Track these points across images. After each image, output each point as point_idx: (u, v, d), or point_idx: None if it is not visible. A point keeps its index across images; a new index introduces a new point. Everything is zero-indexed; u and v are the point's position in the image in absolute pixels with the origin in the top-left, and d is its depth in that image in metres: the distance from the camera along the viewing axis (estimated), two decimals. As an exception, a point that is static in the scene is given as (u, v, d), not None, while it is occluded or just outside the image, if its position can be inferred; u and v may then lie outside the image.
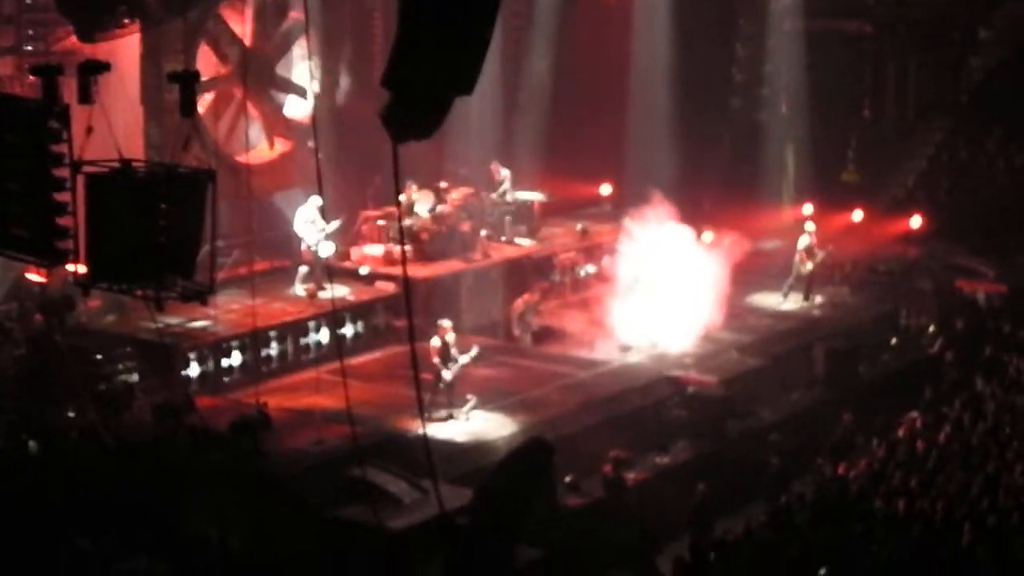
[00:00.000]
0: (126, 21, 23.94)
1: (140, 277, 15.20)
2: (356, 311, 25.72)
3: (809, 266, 29.36)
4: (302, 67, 28.67)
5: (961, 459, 20.10)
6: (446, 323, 22.60)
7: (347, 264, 27.07)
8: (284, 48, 28.71)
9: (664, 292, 26.27)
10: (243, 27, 27.55)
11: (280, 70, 28.85)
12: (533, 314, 27.08)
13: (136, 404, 20.97)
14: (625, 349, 25.90)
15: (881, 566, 17.05)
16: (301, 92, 28.58)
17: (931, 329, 28.60)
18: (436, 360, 22.03)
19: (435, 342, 22.20)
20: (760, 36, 37.16)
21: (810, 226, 29.74)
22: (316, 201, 25.08)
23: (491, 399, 23.00)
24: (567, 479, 20.74)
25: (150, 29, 24.75)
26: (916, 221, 32.32)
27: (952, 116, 36.56)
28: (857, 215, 32.45)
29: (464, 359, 22.31)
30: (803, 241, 29.42)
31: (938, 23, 36.23)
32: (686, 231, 26.83)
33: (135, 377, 22.54)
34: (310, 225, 25.53)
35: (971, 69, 37.21)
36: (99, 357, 22.45)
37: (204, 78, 24.23)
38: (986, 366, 24.94)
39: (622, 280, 26.84)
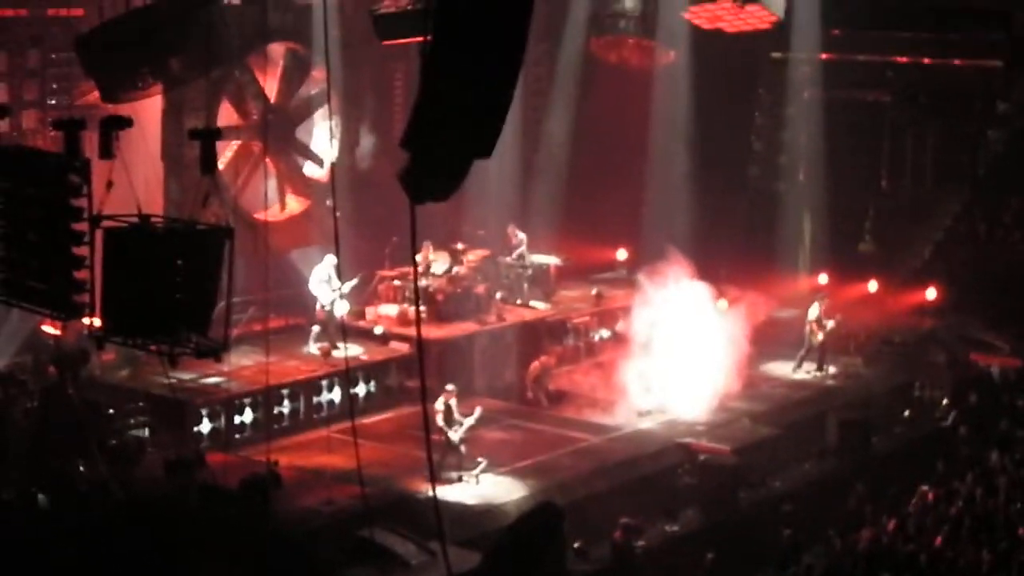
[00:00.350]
0: (150, 82, 24.16)
1: (155, 332, 15.23)
2: (369, 371, 25.72)
3: (820, 336, 29.33)
4: (323, 126, 28.85)
5: (972, 534, 19.98)
6: (451, 387, 22.60)
7: (362, 324, 27.09)
8: (306, 113, 28.88)
9: (679, 354, 26.23)
10: (265, 84, 27.74)
11: (301, 128, 29.03)
12: (548, 377, 27.07)
13: (147, 459, 20.98)
14: (642, 414, 25.85)
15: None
16: (319, 161, 28.74)
17: (945, 402, 28.50)
18: (441, 423, 22.01)
19: (439, 405, 22.17)
20: (779, 105, 37.32)
21: (821, 297, 29.78)
22: (331, 260, 25.16)
23: (502, 462, 22.97)
24: (576, 544, 20.64)
25: (173, 90, 24.95)
26: (932, 293, 32.29)
27: (970, 188, 36.60)
28: (872, 286, 32.45)
29: (468, 422, 22.28)
30: (813, 312, 29.43)
31: (957, 95, 36.31)
32: (702, 289, 26.80)
33: (147, 432, 22.58)
34: (325, 284, 25.60)
35: (989, 141, 37.29)
36: (111, 411, 22.47)
37: (225, 149, 24.46)
38: (1000, 441, 24.83)
39: (636, 339, 26.79)
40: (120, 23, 21.90)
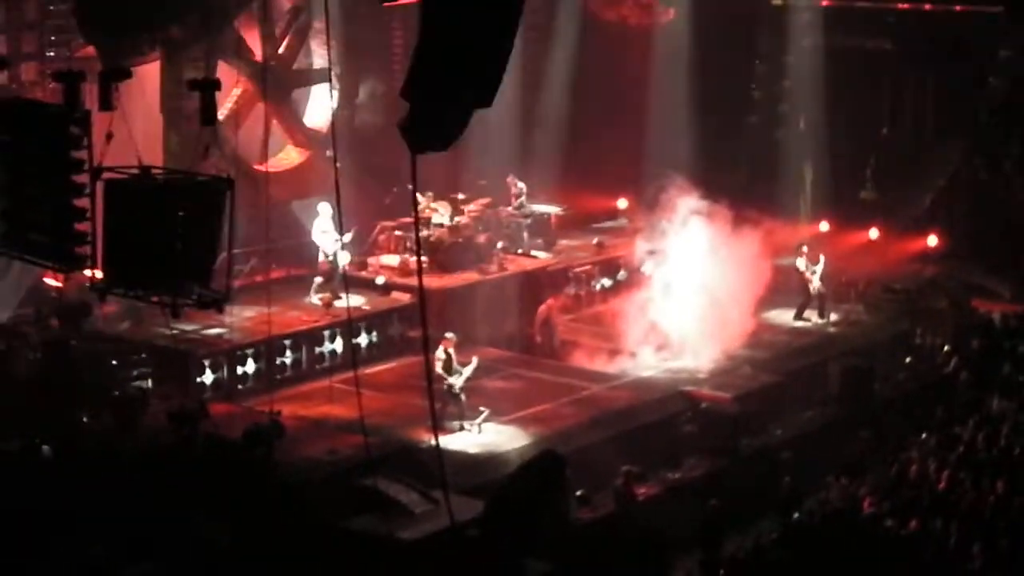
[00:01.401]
0: (149, 50, 24.05)
1: (157, 284, 15.26)
2: (371, 321, 25.76)
3: (816, 282, 29.32)
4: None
5: (973, 480, 20.06)
6: (450, 336, 22.62)
7: (363, 274, 27.11)
8: (300, 44, 28.77)
9: (688, 292, 26.29)
10: (264, 36, 27.65)
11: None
12: (556, 320, 27.20)
13: (150, 410, 21.02)
14: (661, 354, 25.90)
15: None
16: (324, 77, 28.58)
17: (946, 349, 28.54)
18: (441, 371, 22.06)
19: (439, 354, 22.21)
20: (779, 53, 37.18)
21: (804, 249, 29.68)
22: (328, 210, 25.13)
23: (504, 411, 23.05)
24: (578, 492, 20.73)
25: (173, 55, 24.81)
26: (933, 240, 32.35)
27: (971, 135, 36.51)
28: (874, 233, 32.47)
29: (467, 371, 22.33)
30: (801, 263, 29.42)
31: (958, 42, 36.18)
32: (712, 214, 26.76)
33: (150, 383, 22.62)
34: (325, 234, 25.59)
35: (991, 88, 37.16)
36: (114, 363, 22.52)
37: (225, 100, 24.40)
38: (1001, 386, 24.88)
39: (643, 278, 26.90)
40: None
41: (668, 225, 26.74)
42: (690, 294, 26.36)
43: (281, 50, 28.42)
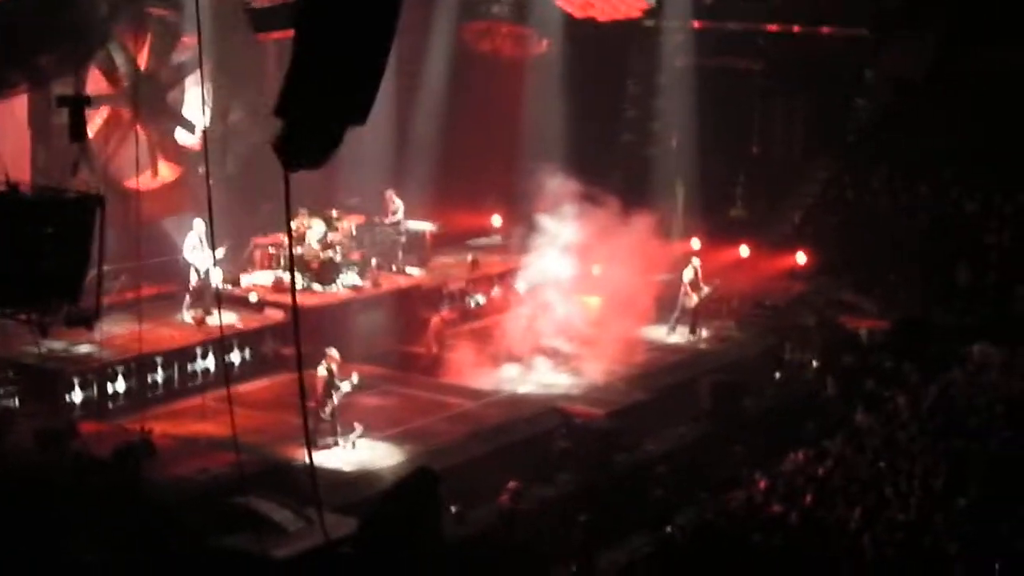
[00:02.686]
0: (17, 83, 23.62)
1: (24, 301, 15.06)
2: (244, 338, 25.58)
3: (695, 299, 29.69)
4: (194, 93, 28.55)
5: (841, 493, 20.37)
6: (334, 352, 22.55)
7: (236, 291, 26.93)
8: (177, 79, 28.55)
9: (567, 306, 26.54)
10: (135, 52, 27.37)
11: (173, 95, 28.69)
12: (448, 332, 27.27)
13: (17, 430, 20.68)
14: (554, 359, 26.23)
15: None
16: (190, 127, 28.41)
17: (814, 364, 29.00)
18: (320, 389, 21.98)
19: (321, 371, 22.14)
20: (651, 73, 37.59)
21: (695, 261, 30.12)
22: (200, 227, 24.96)
23: (378, 428, 23.01)
24: (453, 509, 20.75)
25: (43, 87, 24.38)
26: (801, 257, 32.86)
27: (839, 155, 37.19)
28: (744, 250, 32.92)
29: (345, 387, 22.27)
30: (688, 275, 29.79)
31: (825, 63, 36.86)
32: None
33: (16, 402, 22.24)
34: (197, 251, 25.39)
35: (857, 109, 37.91)
36: (-21, 382, 22.14)
37: (95, 116, 24.09)
38: (867, 401, 25.32)
39: (521, 296, 27.15)
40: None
41: (544, 216, 27.11)
42: (567, 307, 26.59)
43: (149, 65, 28.13)
